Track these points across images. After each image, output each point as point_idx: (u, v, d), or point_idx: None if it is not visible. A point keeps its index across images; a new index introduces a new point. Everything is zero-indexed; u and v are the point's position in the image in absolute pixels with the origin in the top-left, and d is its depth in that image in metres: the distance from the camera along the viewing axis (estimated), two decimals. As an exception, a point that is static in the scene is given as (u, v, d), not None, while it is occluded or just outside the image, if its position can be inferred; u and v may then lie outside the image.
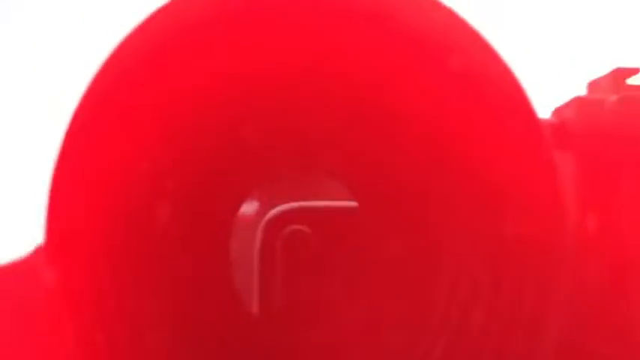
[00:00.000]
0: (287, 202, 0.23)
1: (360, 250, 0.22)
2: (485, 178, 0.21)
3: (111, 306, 0.21)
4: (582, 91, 0.27)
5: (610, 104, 0.23)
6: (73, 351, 0.20)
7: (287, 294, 0.23)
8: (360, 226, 0.22)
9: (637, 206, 0.23)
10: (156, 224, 0.21)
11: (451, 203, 0.21)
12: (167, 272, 0.21)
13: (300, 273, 0.23)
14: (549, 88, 0.25)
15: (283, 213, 0.23)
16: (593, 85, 0.27)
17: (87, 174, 0.20)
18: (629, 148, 0.23)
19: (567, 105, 0.24)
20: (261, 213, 0.23)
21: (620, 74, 0.26)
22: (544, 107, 0.24)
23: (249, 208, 0.22)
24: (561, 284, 0.20)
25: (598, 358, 0.22)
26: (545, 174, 0.20)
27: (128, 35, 0.19)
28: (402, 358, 0.21)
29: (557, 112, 0.24)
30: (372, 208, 0.22)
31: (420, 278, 0.21)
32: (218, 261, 0.22)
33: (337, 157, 0.22)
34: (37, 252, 0.22)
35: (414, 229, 0.21)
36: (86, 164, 0.20)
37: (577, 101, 0.24)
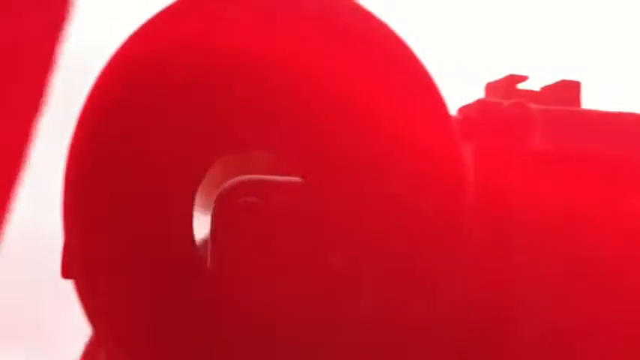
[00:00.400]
0: (242, 174, 0.27)
1: (302, 218, 0.26)
2: (407, 162, 0.26)
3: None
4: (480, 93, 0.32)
5: (505, 107, 0.28)
6: None
7: (237, 254, 0.27)
8: (302, 197, 0.26)
9: (522, 191, 0.28)
10: (132, 190, 0.25)
11: (377, 182, 0.26)
12: (139, 230, 0.25)
13: (248, 237, 0.26)
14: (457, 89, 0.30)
15: (236, 184, 0.27)
16: (489, 87, 0.32)
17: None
18: (517, 143, 0.28)
19: (471, 105, 0.29)
20: (219, 183, 0.27)
21: (513, 80, 0.31)
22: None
23: (209, 178, 0.27)
24: (459, 259, 0.26)
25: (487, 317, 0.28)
26: (455, 161, 0.26)
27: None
28: (340, 321, 0.26)
29: (462, 110, 0.29)
30: (314, 182, 0.26)
31: (355, 246, 0.26)
32: (182, 220, 0.25)
33: (287, 139, 0.26)
34: None
35: (348, 204, 0.26)
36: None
37: (479, 102, 0.29)
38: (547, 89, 0.31)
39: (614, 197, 0.29)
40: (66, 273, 0.26)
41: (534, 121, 0.28)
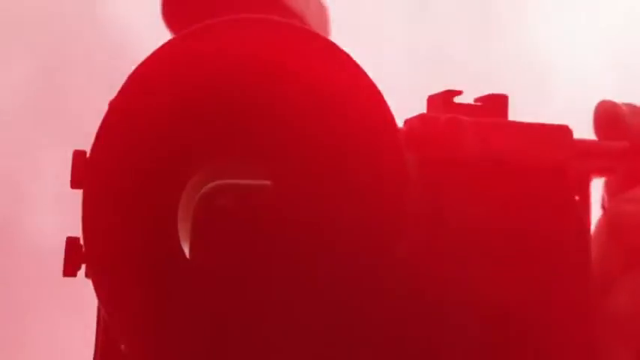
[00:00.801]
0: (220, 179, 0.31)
1: (271, 217, 0.30)
2: (360, 167, 0.30)
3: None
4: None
5: (442, 121, 0.33)
6: None
7: (215, 252, 0.30)
8: (270, 199, 0.31)
9: (456, 190, 0.33)
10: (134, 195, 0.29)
11: (334, 184, 0.31)
12: (137, 230, 0.29)
13: (226, 234, 0.30)
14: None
15: (214, 188, 0.31)
16: (430, 100, 0.37)
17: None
18: (452, 150, 0.33)
19: (414, 118, 0.34)
20: (200, 187, 0.31)
21: (449, 94, 0.36)
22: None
23: (193, 183, 0.31)
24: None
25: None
26: (399, 167, 0.30)
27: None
28: (314, 319, 0.30)
29: (407, 122, 0.34)
30: (282, 187, 0.30)
31: (322, 242, 0.30)
32: (169, 218, 0.30)
33: (260, 148, 0.30)
34: None
35: (310, 206, 0.30)
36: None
37: (421, 116, 0.33)
38: (479, 101, 0.36)
39: (530, 193, 0.34)
40: (68, 272, 0.30)
41: (466, 132, 0.33)
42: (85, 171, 0.29)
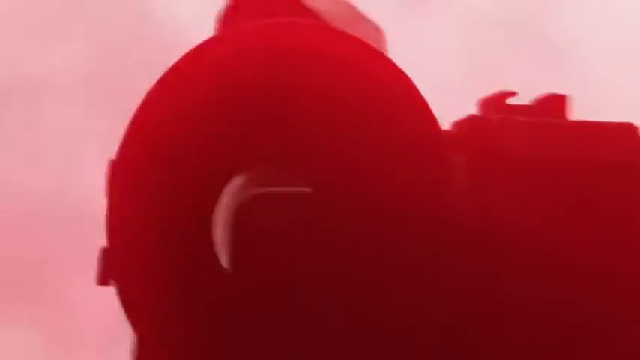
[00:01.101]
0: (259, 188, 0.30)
1: (313, 226, 0.29)
2: (401, 171, 0.29)
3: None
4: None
5: (493, 122, 0.31)
6: None
7: (254, 258, 0.30)
8: (312, 207, 0.30)
9: (508, 194, 0.31)
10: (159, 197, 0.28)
11: (374, 189, 0.29)
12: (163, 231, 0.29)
13: (263, 242, 0.30)
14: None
15: (253, 197, 0.30)
16: (482, 102, 0.35)
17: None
18: (504, 153, 0.31)
19: (463, 120, 0.32)
20: (237, 195, 0.30)
21: (502, 95, 0.34)
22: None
23: (229, 190, 0.30)
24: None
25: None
26: (441, 170, 0.29)
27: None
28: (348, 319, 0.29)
29: (456, 124, 0.32)
30: (323, 194, 0.29)
31: (357, 249, 0.29)
32: (204, 226, 0.29)
33: (299, 154, 0.29)
34: None
35: (351, 211, 0.29)
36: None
37: (470, 118, 0.32)
38: (535, 102, 0.34)
39: (592, 197, 0.32)
40: (102, 281, 0.29)
41: (519, 132, 0.31)
42: (111, 177, 0.28)
